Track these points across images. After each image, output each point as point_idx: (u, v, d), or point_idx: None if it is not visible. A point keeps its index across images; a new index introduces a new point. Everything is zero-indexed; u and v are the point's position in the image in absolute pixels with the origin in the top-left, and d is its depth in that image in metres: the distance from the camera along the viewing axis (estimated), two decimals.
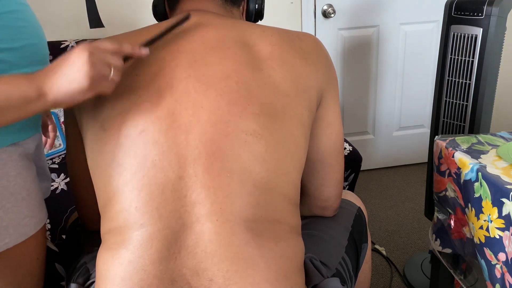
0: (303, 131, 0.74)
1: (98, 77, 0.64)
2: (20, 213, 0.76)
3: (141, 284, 0.64)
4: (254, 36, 0.76)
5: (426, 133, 2.51)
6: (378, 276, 1.71)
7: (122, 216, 0.66)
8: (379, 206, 2.18)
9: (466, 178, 0.99)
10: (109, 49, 0.66)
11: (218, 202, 0.65)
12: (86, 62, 0.63)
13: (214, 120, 0.68)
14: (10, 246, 0.75)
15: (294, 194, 0.73)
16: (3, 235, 0.73)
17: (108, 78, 0.66)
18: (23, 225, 0.77)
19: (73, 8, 2.00)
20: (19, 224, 0.76)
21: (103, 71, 0.65)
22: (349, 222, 0.96)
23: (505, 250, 0.88)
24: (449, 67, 1.44)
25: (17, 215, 0.75)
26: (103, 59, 0.65)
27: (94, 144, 0.71)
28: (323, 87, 0.79)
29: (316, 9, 2.21)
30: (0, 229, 0.73)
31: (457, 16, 1.39)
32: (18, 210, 0.76)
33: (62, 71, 0.64)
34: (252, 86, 0.70)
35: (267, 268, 0.65)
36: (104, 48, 0.66)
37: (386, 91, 2.41)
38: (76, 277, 0.81)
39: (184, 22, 0.75)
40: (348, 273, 0.86)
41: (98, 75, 0.64)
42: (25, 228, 0.77)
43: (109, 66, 0.66)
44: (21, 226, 0.76)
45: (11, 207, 0.74)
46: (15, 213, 0.75)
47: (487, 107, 1.42)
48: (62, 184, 1.49)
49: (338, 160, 0.87)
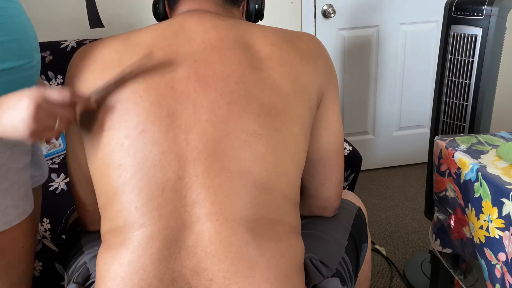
0: (303, 131, 0.74)
1: (40, 130, 0.64)
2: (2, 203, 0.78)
3: (141, 284, 0.64)
4: (254, 36, 0.76)
5: (426, 133, 2.51)
6: (378, 276, 1.71)
7: (122, 216, 0.66)
8: (379, 206, 2.18)
9: (466, 178, 0.99)
10: (58, 101, 0.66)
11: (218, 202, 0.65)
12: (31, 116, 0.63)
13: (214, 120, 0.68)
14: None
15: (294, 194, 0.73)
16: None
17: (53, 129, 0.66)
18: (6, 214, 0.79)
19: (73, 8, 2.00)
20: (1, 212, 0.79)
21: (47, 124, 0.65)
22: (349, 222, 0.96)
23: (505, 250, 0.88)
24: (449, 67, 1.44)
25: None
26: (50, 111, 0.65)
27: (94, 144, 0.71)
28: (323, 87, 0.79)
29: (316, 9, 2.21)
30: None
31: (457, 16, 1.39)
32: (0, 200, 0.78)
33: (7, 113, 0.64)
34: (252, 86, 0.70)
35: (267, 268, 0.65)
36: (53, 100, 0.65)
37: (386, 91, 2.41)
38: (76, 277, 0.81)
39: (144, 64, 0.70)
40: (348, 273, 0.86)
41: (41, 128, 0.64)
42: (8, 217, 0.80)
43: (55, 118, 0.66)
44: (4, 215, 0.79)
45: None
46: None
47: (487, 107, 1.42)
48: (62, 184, 1.49)
49: (338, 160, 0.87)
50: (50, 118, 0.65)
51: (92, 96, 0.69)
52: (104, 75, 0.72)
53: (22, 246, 0.86)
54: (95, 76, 0.73)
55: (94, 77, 0.73)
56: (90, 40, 1.92)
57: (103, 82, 0.70)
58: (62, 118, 0.66)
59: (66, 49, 1.86)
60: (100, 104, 0.71)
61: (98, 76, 0.72)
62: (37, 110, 0.63)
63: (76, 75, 0.76)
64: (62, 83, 1.86)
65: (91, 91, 0.70)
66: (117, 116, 0.69)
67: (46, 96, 0.65)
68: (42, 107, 0.63)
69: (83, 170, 0.82)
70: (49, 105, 0.64)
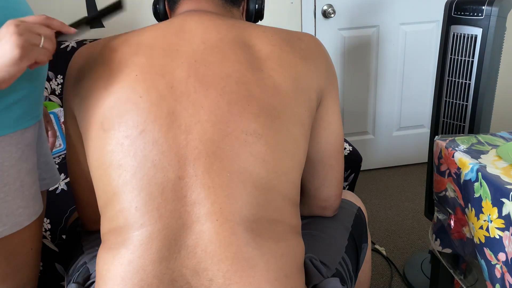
0: (303, 131, 0.74)
1: (27, 45, 0.64)
2: (13, 203, 0.77)
3: (141, 284, 0.64)
4: (254, 36, 0.76)
5: (426, 133, 2.51)
6: (378, 276, 1.71)
7: (122, 216, 0.66)
8: (379, 206, 2.18)
9: (466, 178, 0.99)
10: (36, 20, 0.67)
11: (218, 202, 0.65)
12: (14, 32, 0.63)
13: (214, 120, 0.68)
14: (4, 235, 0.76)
15: (294, 194, 0.73)
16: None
17: (39, 45, 0.66)
18: (17, 215, 0.78)
19: (73, 8, 2.00)
20: (13, 213, 0.77)
21: (32, 40, 0.65)
22: (349, 222, 0.96)
23: (505, 250, 0.88)
24: (449, 67, 1.44)
25: (10, 205, 0.77)
26: (31, 28, 0.65)
27: (94, 144, 0.71)
28: (323, 87, 0.80)
29: (316, 9, 2.21)
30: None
31: (457, 16, 1.39)
32: (12, 200, 0.77)
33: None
34: (252, 86, 0.70)
35: (267, 268, 0.65)
36: (31, 20, 0.67)
37: (386, 91, 2.41)
38: (76, 277, 0.81)
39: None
40: (348, 273, 0.86)
41: (27, 42, 0.64)
42: (19, 218, 0.79)
43: (38, 35, 0.66)
44: (14, 216, 0.78)
45: (4, 197, 0.76)
46: (9, 203, 0.76)
47: (487, 107, 1.42)
48: (62, 184, 1.49)
49: (338, 160, 0.87)
50: (32, 34, 0.65)
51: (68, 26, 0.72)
52: (104, 75, 0.72)
53: (31, 248, 0.85)
54: (95, 76, 0.73)
55: (94, 77, 0.73)
56: (90, 40, 1.92)
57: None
58: (45, 36, 0.67)
59: (66, 49, 1.87)
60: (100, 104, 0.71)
61: (98, 76, 0.72)
62: (17, 27, 0.64)
63: (76, 75, 0.76)
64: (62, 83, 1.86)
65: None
66: (117, 116, 0.69)
67: (21, 18, 0.66)
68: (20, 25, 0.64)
69: (83, 170, 0.82)
70: (27, 23, 0.65)
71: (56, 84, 1.85)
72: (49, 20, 0.69)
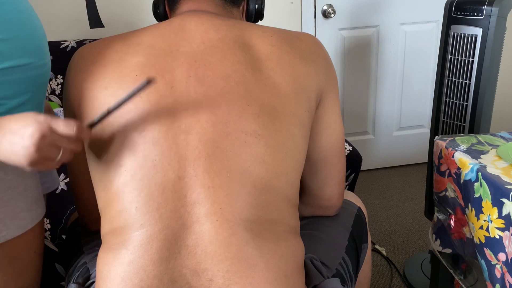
0: (303, 132, 0.74)
1: (41, 160, 0.61)
2: (17, 206, 0.77)
3: (141, 284, 0.64)
4: (254, 37, 0.76)
5: (426, 133, 2.51)
6: (378, 276, 1.71)
7: (122, 217, 0.66)
8: (379, 206, 2.18)
9: (466, 178, 0.99)
10: (67, 134, 0.63)
11: (218, 202, 0.65)
12: (34, 145, 0.59)
13: (214, 120, 0.68)
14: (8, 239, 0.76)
15: (294, 194, 0.73)
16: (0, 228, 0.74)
17: (55, 160, 0.63)
18: (20, 218, 0.78)
19: (73, 8, 2.00)
20: (16, 217, 0.77)
21: (49, 155, 0.62)
22: (349, 222, 0.96)
23: (505, 250, 0.88)
24: (449, 67, 1.44)
25: (14, 208, 0.76)
26: (54, 143, 0.62)
27: (94, 144, 0.71)
28: (323, 87, 0.80)
29: (316, 9, 2.21)
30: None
31: (457, 16, 1.39)
32: (15, 204, 0.76)
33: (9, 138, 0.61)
34: (252, 86, 0.70)
35: (267, 268, 0.65)
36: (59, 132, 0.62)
37: (386, 91, 2.41)
38: (76, 277, 0.81)
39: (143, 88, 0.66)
40: (348, 273, 0.86)
41: (42, 158, 0.61)
42: (22, 222, 0.78)
43: (58, 149, 0.63)
44: (18, 219, 0.77)
45: (7, 200, 0.75)
46: (12, 206, 0.76)
47: (487, 107, 1.42)
48: (62, 184, 1.49)
49: (339, 159, 0.87)
50: (53, 149, 0.62)
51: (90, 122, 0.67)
52: (104, 75, 0.72)
53: (34, 251, 0.84)
54: (95, 77, 0.73)
55: (94, 77, 0.73)
56: (90, 40, 1.92)
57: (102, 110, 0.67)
58: (66, 150, 0.64)
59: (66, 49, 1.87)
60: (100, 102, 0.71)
61: (98, 76, 0.72)
62: (41, 140, 0.60)
63: (76, 75, 0.76)
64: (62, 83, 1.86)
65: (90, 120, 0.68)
66: (117, 117, 0.69)
67: (52, 126, 0.61)
68: (46, 137, 0.60)
69: (83, 170, 0.82)
70: (54, 136, 0.61)
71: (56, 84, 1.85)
72: (80, 134, 0.63)
